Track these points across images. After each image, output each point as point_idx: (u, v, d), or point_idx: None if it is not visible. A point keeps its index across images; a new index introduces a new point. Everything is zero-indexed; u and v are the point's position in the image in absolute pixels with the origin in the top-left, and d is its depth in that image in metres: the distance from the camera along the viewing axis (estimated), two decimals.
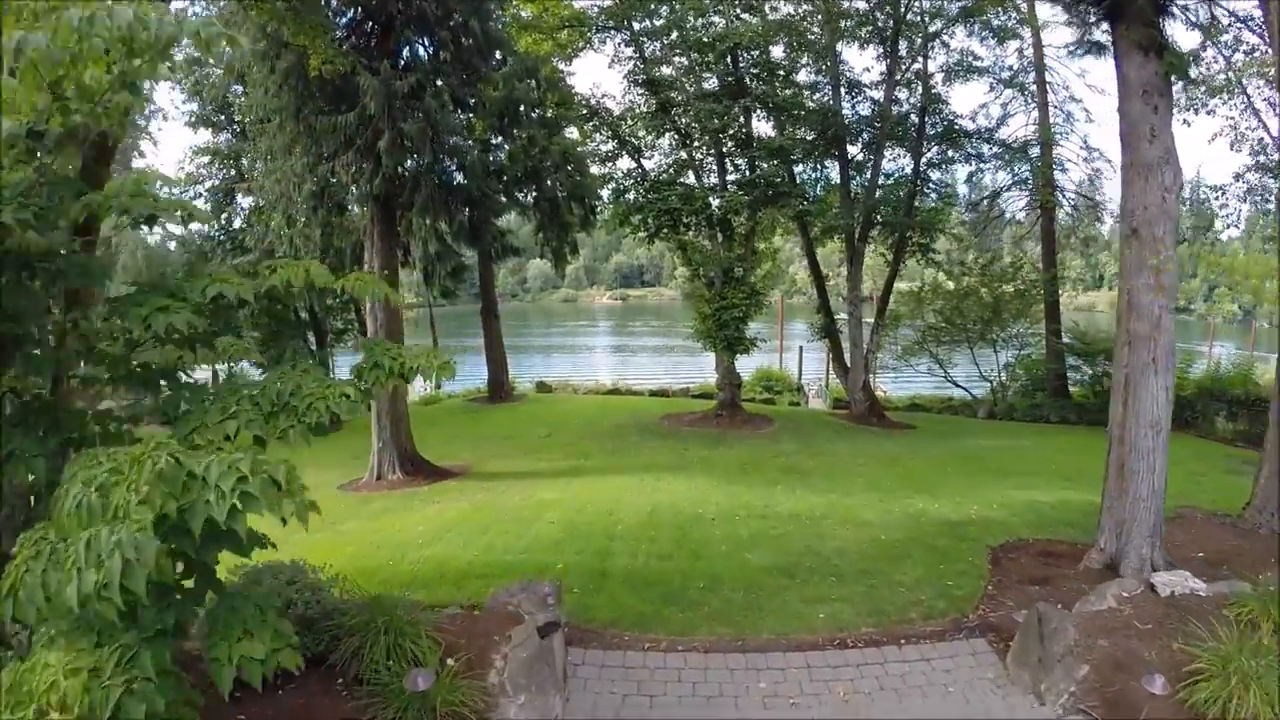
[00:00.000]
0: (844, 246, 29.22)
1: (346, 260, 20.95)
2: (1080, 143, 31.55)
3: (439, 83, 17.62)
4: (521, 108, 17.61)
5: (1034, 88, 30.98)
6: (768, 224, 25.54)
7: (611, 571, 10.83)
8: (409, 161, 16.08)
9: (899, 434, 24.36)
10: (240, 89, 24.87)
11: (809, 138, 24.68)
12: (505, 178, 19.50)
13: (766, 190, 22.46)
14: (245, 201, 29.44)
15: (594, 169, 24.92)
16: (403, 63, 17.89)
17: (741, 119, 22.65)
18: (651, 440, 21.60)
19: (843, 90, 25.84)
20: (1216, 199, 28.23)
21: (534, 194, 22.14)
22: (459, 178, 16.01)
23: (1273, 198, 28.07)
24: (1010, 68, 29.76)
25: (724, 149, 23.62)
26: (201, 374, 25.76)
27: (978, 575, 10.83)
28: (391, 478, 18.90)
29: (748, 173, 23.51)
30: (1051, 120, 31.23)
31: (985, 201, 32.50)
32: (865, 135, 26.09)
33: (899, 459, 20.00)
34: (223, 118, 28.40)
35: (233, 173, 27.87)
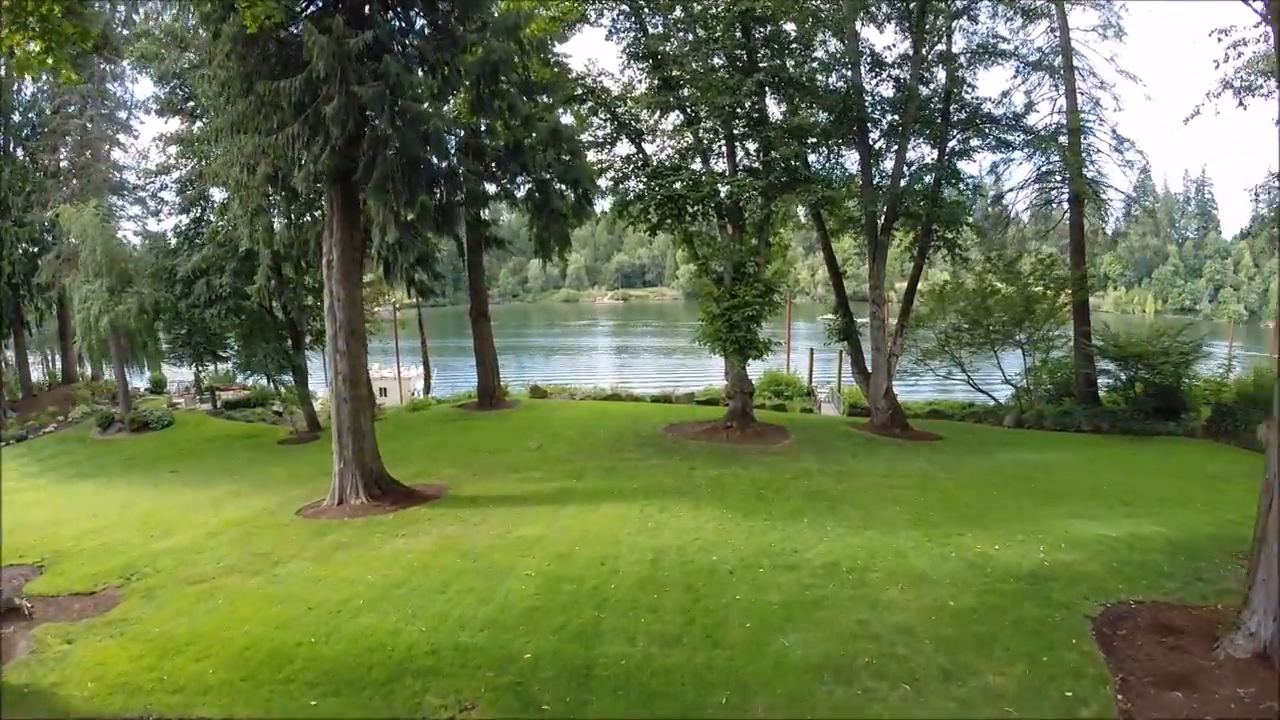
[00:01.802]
0: (860, 241, 26.25)
1: (311, 252, 17.86)
2: (1110, 132, 27.72)
3: (408, 46, 14.43)
4: (501, 77, 14.33)
5: (1060, 72, 27.69)
6: (780, 215, 22.26)
7: (599, 667, 7.67)
8: (366, 132, 12.86)
9: (926, 447, 21.21)
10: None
11: (827, 120, 21.41)
12: (486, 157, 16.26)
13: (782, 176, 19.21)
14: (220, 194, 26.24)
15: (591, 155, 21.77)
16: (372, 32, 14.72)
17: (754, 97, 19.36)
18: (654, 456, 18.43)
19: (864, 69, 22.55)
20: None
21: (520, 176, 18.79)
22: (425, 152, 12.81)
23: None
24: (1040, 49, 26.59)
25: (733, 130, 20.37)
26: (184, 374, 22.44)
27: (1095, 674, 7.68)
28: (354, 502, 15.75)
29: (760, 157, 20.26)
30: (1080, 108, 27.93)
31: (1012, 193, 29.16)
32: (889, 118, 22.87)
33: (934, 480, 16.91)
34: (191, 104, 25.23)
35: (202, 162, 24.64)
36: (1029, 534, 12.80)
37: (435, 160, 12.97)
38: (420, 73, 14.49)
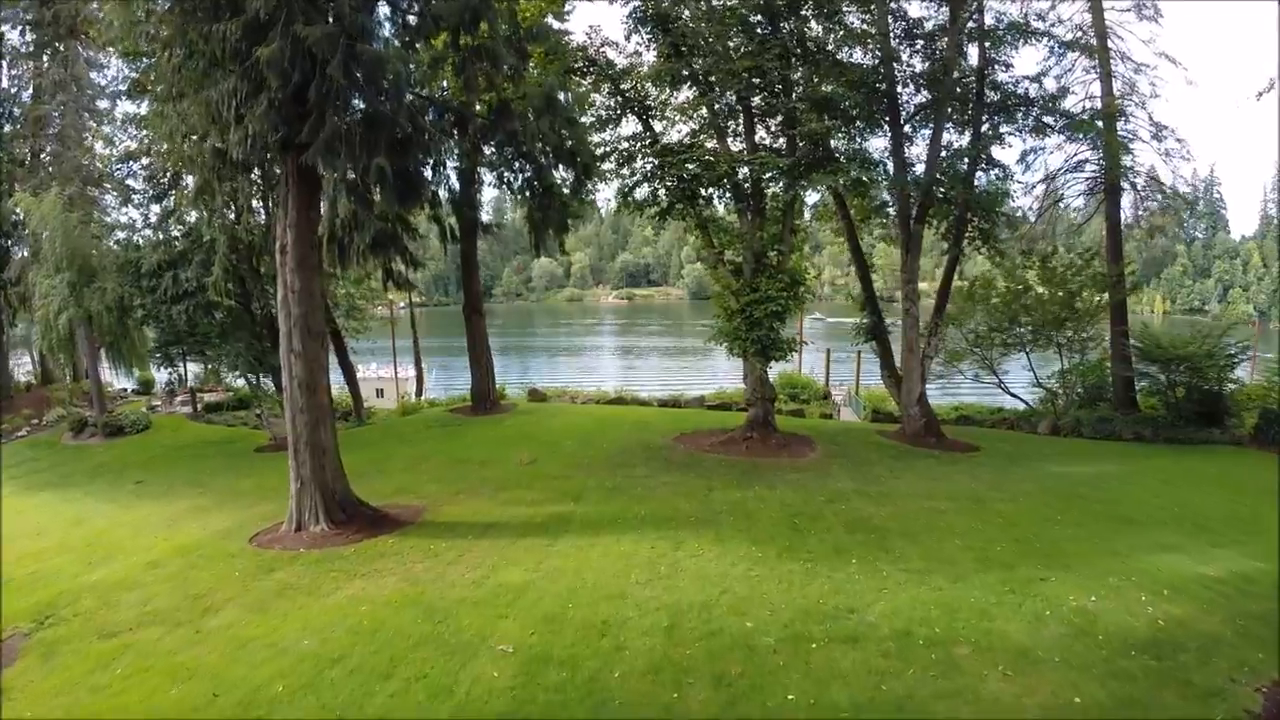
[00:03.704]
0: (874, 237, 23.53)
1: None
2: (1147, 119, 24.79)
3: None
4: (484, 25, 11.54)
5: (1096, 56, 24.78)
6: (799, 201, 19.31)
7: None
8: (313, 84, 10.05)
9: (965, 459, 18.43)
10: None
11: (856, 96, 18.53)
12: (470, 126, 13.47)
13: (812, 152, 16.36)
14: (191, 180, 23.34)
15: (593, 138, 18.88)
16: None
17: (778, 63, 16.36)
18: (664, 473, 15.62)
19: (893, 40, 19.64)
20: None
21: (507, 148, 15.86)
22: (385, 106, 9.97)
23: None
24: (1079, 26, 23.76)
25: (752, 103, 17.50)
26: (161, 375, 18.85)
27: None
28: (313, 529, 12.98)
29: (783, 133, 17.40)
30: (1115, 93, 25.02)
31: (1042, 184, 26.22)
32: (920, 96, 20.00)
33: (987, 502, 14.21)
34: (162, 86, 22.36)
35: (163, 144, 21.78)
36: (1119, 575, 10.31)
37: (398, 117, 10.18)
38: (386, 19, 11.69)
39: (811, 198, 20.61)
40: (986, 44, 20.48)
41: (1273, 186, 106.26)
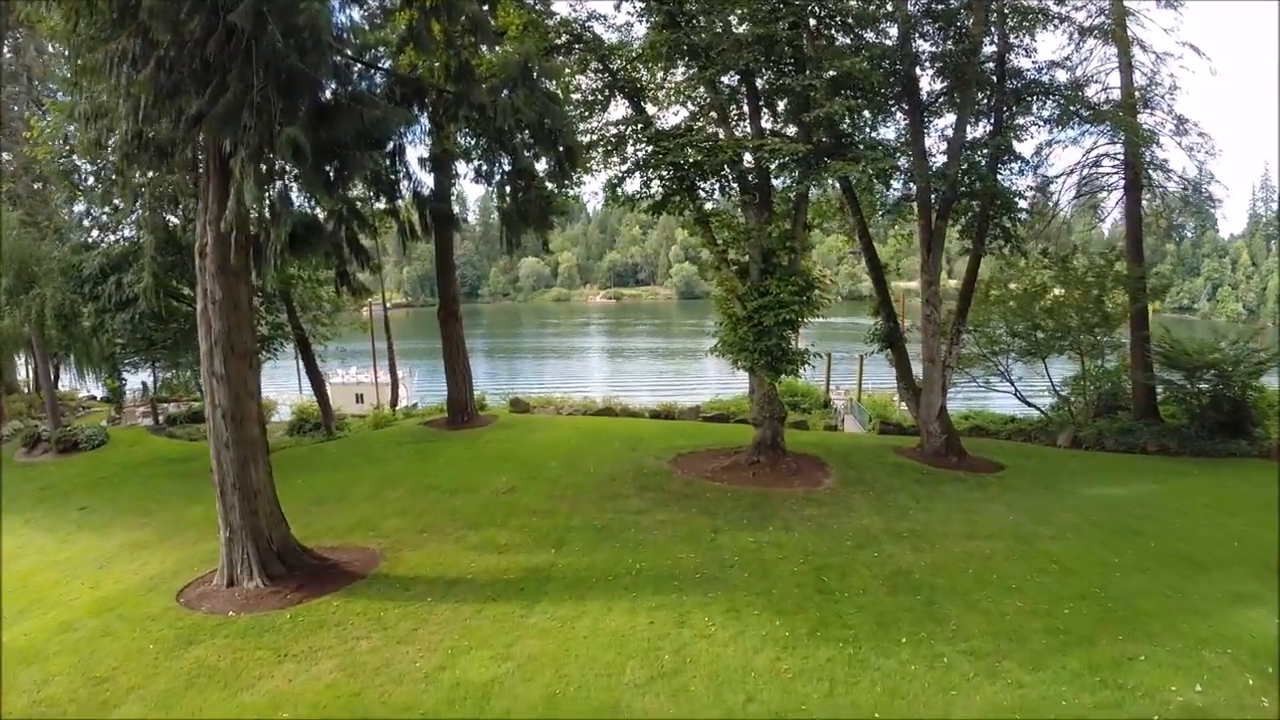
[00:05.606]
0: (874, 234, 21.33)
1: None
2: (1168, 110, 22.57)
3: None
4: None
5: (1114, 46, 22.58)
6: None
7: None
8: (213, 37, 7.65)
9: (993, 481, 16.25)
10: None
11: (872, 75, 16.22)
12: (427, 97, 11.08)
13: (824, 137, 14.03)
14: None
15: (581, 125, 16.53)
16: None
17: (791, 35, 13.91)
18: (661, 507, 13.27)
19: (912, 12, 17.31)
20: None
21: (478, 130, 13.31)
22: (302, 60, 7.51)
23: None
24: (1103, 10, 21.56)
25: (757, 83, 15.12)
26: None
27: None
28: (248, 586, 10.63)
29: (794, 116, 15.03)
30: (1135, 85, 22.83)
31: (1060, 178, 23.96)
32: (940, 81, 17.74)
33: (1032, 540, 12.15)
34: None
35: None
36: (1213, 647, 8.41)
37: (319, 75, 7.79)
38: None
39: (810, 193, 18.34)
40: (1006, 27, 18.33)
41: (1261, 185, 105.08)
